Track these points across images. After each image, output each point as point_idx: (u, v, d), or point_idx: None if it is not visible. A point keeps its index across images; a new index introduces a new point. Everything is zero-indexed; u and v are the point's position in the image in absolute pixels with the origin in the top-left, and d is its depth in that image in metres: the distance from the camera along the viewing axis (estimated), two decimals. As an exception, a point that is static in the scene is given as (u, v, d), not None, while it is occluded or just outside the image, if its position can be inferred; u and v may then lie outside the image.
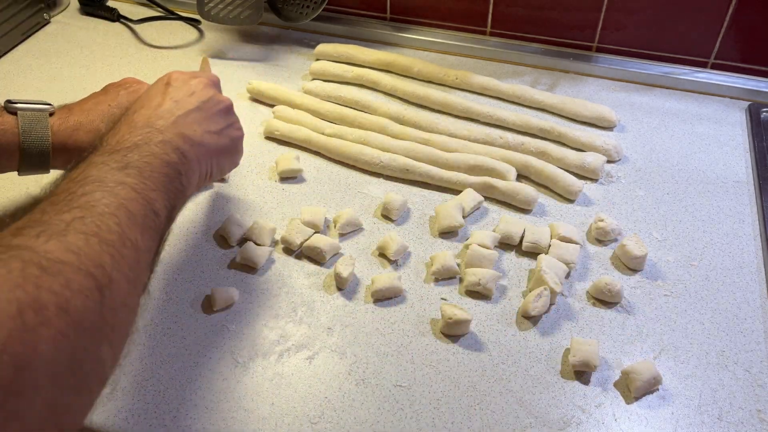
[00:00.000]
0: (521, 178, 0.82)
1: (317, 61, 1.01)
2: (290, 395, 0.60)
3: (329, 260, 0.72)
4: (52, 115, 0.67)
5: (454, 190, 0.80)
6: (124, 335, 0.46)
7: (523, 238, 0.73)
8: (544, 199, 0.80)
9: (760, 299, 0.68)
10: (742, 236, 0.75)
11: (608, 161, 0.84)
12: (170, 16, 1.11)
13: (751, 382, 0.61)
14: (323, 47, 1.01)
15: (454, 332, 0.65)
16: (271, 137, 0.88)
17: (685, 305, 0.68)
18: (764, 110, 0.91)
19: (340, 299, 0.68)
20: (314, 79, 0.98)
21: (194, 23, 1.09)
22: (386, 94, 0.96)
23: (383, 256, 0.72)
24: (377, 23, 1.08)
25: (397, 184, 0.82)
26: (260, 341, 0.64)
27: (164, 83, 0.63)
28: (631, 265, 0.71)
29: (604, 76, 0.99)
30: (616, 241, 0.74)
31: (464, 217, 0.76)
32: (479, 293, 0.69)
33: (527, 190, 0.78)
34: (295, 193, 0.80)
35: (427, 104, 0.93)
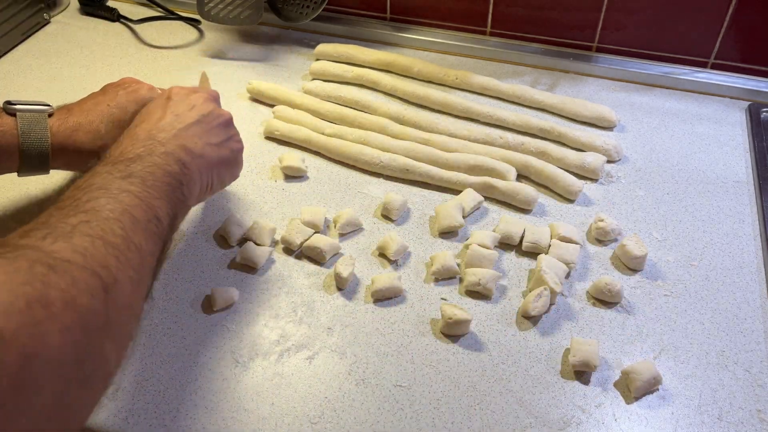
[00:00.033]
0: (521, 178, 0.82)
1: (317, 61, 1.01)
2: (290, 395, 0.60)
3: (329, 260, 0.72)
4: (51, 116, 0.67)
5: (454, 190, 0.80)
6: (127, 336, 0.46)
7: (523, 238, 0.73)
8: (544, 199, 0.80)
9: (760, 299, 0.68)
10: (742, 236, 0.75)
11: (608, 161, 0.84)
12: (170, 16, 1.11)
13: (751, 382, 0.61)
14: (323, 47, 1.01)
15: (454, 332, 0.65)
16: (271, 137, 0.88)
17: (685, 305, 0.68)
18: (764, 110, 0.91)
19: (340, 299, 0.68)
20: (314, 79, 0.98)
21: (194, 23, 1.09)
22: (386, 94, 0.96)
23: (383, 256, 0.72)
24: (377, 23, 1.08)
25: (397, 184, 0.82)
26: (260, 341, 0.64)
27: (165, 98, 0.64)
28: (631, 265, 0.71)
29: (604, 76, 0.99)
30: (616, 241, 0.74)
31: (464, 217, 0.76)
32: (479, 293, 0.69)
33: (527, 190, 0.78)
34: (295, 193, 0.80)
35: (427, 104, 0.93)
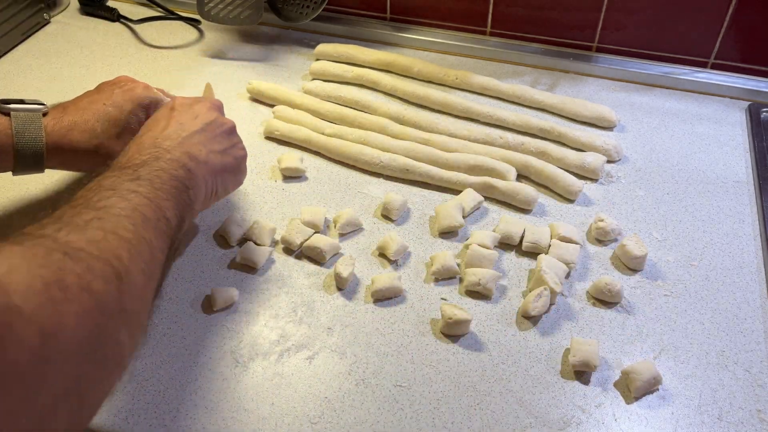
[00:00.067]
0: (521, 178, 0.82)
1: (317, 61, 1.01)
2: (290, 395, 0.60)
3: (329, 260, 0.72)
4: (45, 115, 0.67)
5: (454, 190, 0.80)
6: (139, 326, 0.48)
7: (523, 238, 0.73)
8: (544, 199, 0.80)
9: (760, 299, 0.68)
10: (742, 236, 0.75)
11: (608, 161, 0.84)
12: (170, 16, 1.11)
13: (751, 382, 0.61)
14: (323, 47, 1.01)
15: (454, 332, 0.65)
16: (271, 137, 0.88)
17: (685, 305, 0.68)
18: (764, 110, 0.91)
19: (340, 299, 0.68)
20: (314, 79, 0.98)
21: (194, 23, 1.09)
22: (386, 94, 0.96)
23: (383, 256, 0.72)
24: (377, 23, 1.08)
25: (397, 184, 0.82)
26: (260, 341, 0.64)
27: (169, 108, 0.66)
28: (631, 265, 0.71)
29: (604, 76, 0.99)
30: (616, 241, 0.74)
31: (464, 217, 0.76)
32: (479, 293, 0.69)
33: (527, 190, 0.78)
34: (295, 193, 0.80)
35: (427, 104, 0.93)
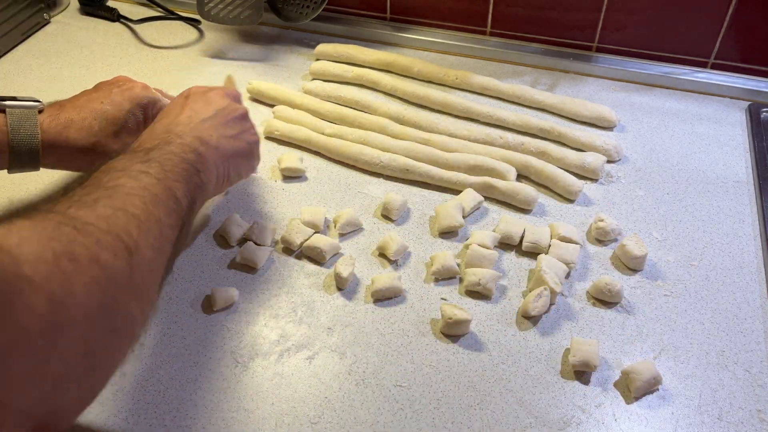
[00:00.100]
0: (521, 178, 0.82)
1: (317, 61, 1.01)
2: (290, 395, 0.60)
3: (329, 260, 0.72)
4: (41, 112, 0.67)
5: (454, 190, 0.80)
6: (149, 300, 0.48)
7: (523, 238, 0.73)
8: (544, 199, 0.80)
9: (760, 299, 0.68)
10: (742, 236, 0.75)
11: (608, 161, 0.84)
12: (170, 16, 1.11)
13: (751, 382, 0.61)
14: (323, 47, 1.01)
15: (454, 332, 0.65)
16: (271, 137, 0.88)
17: (685, 305, 0.68)
18: (764, 110, 0.91)
19: (340, 299, 0.68)
20: (314, 79, 0.98)
21: (194, 23, 1.09)
22: (386, 94, 0.96)
23: (383, 256, 0.72)
24: (377, 23, 1.08)
25: (397, 184, 0.82)
26: (260, 341, 0.64)
27: (183, 96, 0.67)
28: (631, 265, 0.71)
29: (604, 76, 0.99)
30: (616, 241, 0.74)
31: (464, 217, 0.76)
32: (479, 293, 0.69)
33: (527, 190, 0.78)
34: (295, 193, 0.80)
35: (427, 104, 0.93)
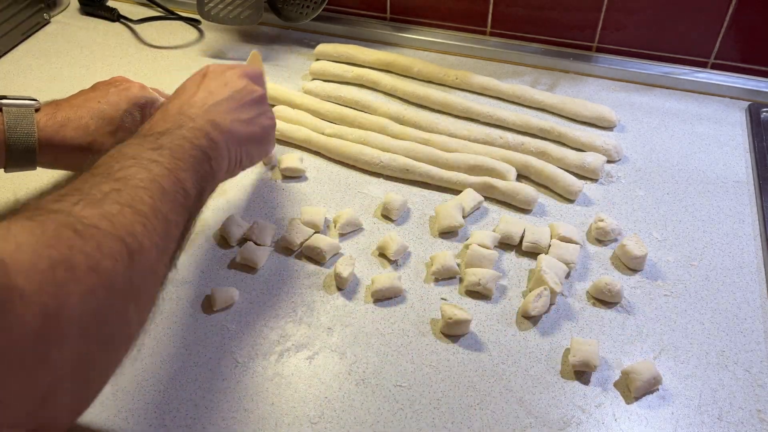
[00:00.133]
0: (521, 178, 0.82)
1: (317, 61, 1.01)
2: (290, 395, 0.60)
3: (329, 260, 0.72)
4: (38, 110, 0.67)
5: (454, 190, 0.80)
6: (150, 300, 0.48)
7: (523, 238, 0.73)
8: (544, 199, 0.80)
9: (760, 299, 0.68)
10: (742, 236, 0.75)
11: (608, 161, 0.84)
12: (170, 16, 1.11)
13: (751, 382, 0.61)
14: (323, 47, 1.01)
15: (454, 332, 0.65)
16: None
17: (685, 305, 0.68)
18: (764, 110, 0.91)
19: (340, 299, 0.68)
20: (314, 79, 0.98)
21: (194, 23, 1.09)
22: (386, 94, 0.96)
23: (383, 256, 0.72)
24: (377, 23, 1.08)
25: (397, 184, 0.82)
26: (260, 341, 0.64)
27: (201, 75, 0.66)
28: (631, 265, 0.71)
29: (604, 76, 0.99)
30: (616, 241, 0.74)
31: (464, 217, 0.76)
32: (479, 293, 0.69)
33: (527, 190, 0.78)
34: (295, 193, 0.80)
35: (427, 104, 0.93)
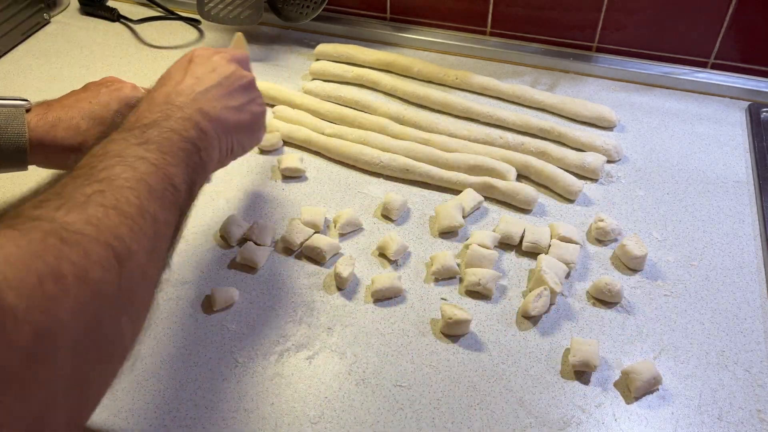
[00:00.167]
0: (521, 178, 0.82)
1: (317, 61, 1.01)
2: (290, 395, 0.60)
3: (329, 260, 0.72)
4: (29, 111, 0.66)
5: (454, 190, 0.80)
6: (143, 307, 0.46)
7: (523, 238, 0.73)
8: (544, 199, 0.80)
9: (760, 299, 0.68)
10: (742, 236, 0.75)
11: (608, 161, 0.84)
12: (170, 16, 1.11)
13: (751, 382, 0.61)
14: (323, 47, 1.01)
15: (454, 332, 0.65)
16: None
17: (685, 305, 0.68)
18: (764, 110, 0.91)
19: (340, 299, 0.68)
20: (314, 79, 0.98)
21: (194, 23, 1.09)
22: (386, 94, 0.96)
23: (383, 256, 0.72)
24: (377, 23, 1.08)
25: (397, 184, 0.82)
26: (260, 341, 0.64)
27: (187, 60, 0.63)
28: (631, 265, 0.71)
29: (604, 76, 0.99)
30: (616, 241, 0.74)
31: (464, 217, 0.76)
32: (479, 293, 0.69)
33: (527, 190, 0.78)
34: (295, 193, 0.80)
35: (427, 104, 0.93)
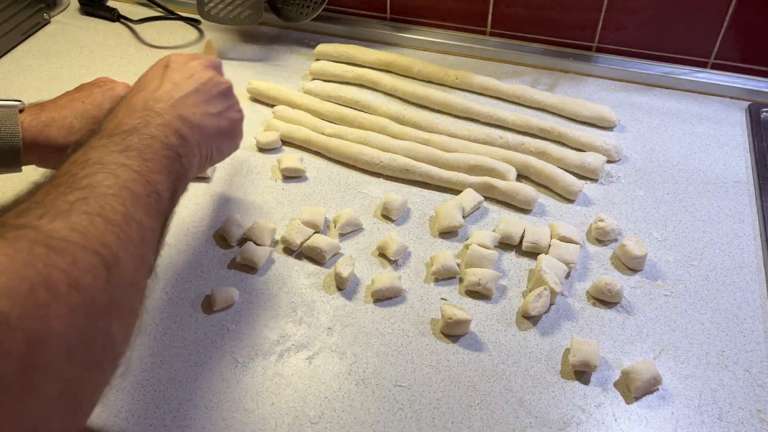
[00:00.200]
0: (521, 178, 0.82)
1: (317, 61, 1.01)
2: (290, 395, 0.60)
3: (329, 260, 0.72)
4: (22, 111, 0.66)
5: (454, 190, 0.80)
6: (133, 314, 0.46)
7: (523, 238, 0.73)
8: (544, 199, 0.80)
9: (760, 299, 0.68)
10: (742, 236, 0.75)
11: (608, 161, 0.84)
12: (170, 16, 1.11)
13: (751, 382, 0.61)
14: (323, 47, 1.01)
15: (454, 332, 0.65)
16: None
17: (685, 305, 0.68)
18: (764, 110, 0.91)
19: (340, 299, 0.68)
20: (314, 79, 0.98)
21: (194, 23, 1.09)
22: (386, 94, 0.96)
23: (383, 256, 0.72)
24: (377, 23, 1.08)
25: (397, 184, 0.82)
26: (260, 341, 0.64)
27: (163, 66, 0.62)
28: (631, 265, 0.71)
29: (604, 76, 0.99)
30: (616, 241, 0.74)
31: (464, 217, 0.76)
32: (479, 293, 0.69)
33: (527, 190, 0.78)
34: (295, 193, 0.80)
35: (427, 104, 0.93)
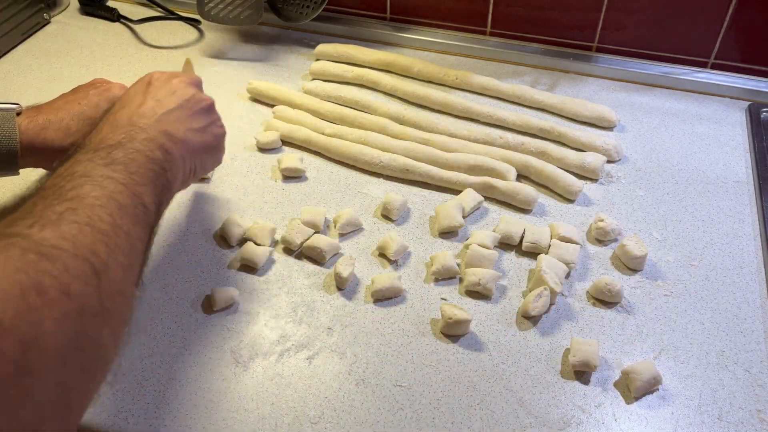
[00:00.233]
0: (521, 178, 0.82)
1: (317, 61, 1.01)
2: (290, 395, 0.60)
3: (329, 260, 0.72)
4: (19, 114, 0.66)
5: (454, 190, 0.80)
6: (122, 322, 0.46)
7: (523, 238, 0.73)
8: (544, 199, 0.80)
9: (760, 299, 0.68)
10: (742, 236, 0.75)
11: (608, 161, 0.84)
12: (170, 16, 1.11)
13: (751, 382, 0.61)
14: (323, 47, 1.01)
15: (454, 332, 0.65)
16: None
17: (685, 305, 0.68)
18: (764, 110, 0.91)
19: (340, 299, 0.68)
20: (314, 79, 0.98)
21: (194, 23, 1.09)
22: (386, 94, 0.96)
23: (383, 256, 0.72)
24: (377, 23, 1.08)
25: (397, 184, 0.82)
26: (260, 341, 0.64)
27: (145, 83, 0.63)
28: (631, 265, 0.71)
29: (604, 76, 0.99)
30: (616, 241, 0.74)
31: (464, 217, 0.76)
32: (479, 293, 0.69)
33: (527, 190, 0.78)
34: (295, 193, 0.80)
35: (427, 104, 0.93)
